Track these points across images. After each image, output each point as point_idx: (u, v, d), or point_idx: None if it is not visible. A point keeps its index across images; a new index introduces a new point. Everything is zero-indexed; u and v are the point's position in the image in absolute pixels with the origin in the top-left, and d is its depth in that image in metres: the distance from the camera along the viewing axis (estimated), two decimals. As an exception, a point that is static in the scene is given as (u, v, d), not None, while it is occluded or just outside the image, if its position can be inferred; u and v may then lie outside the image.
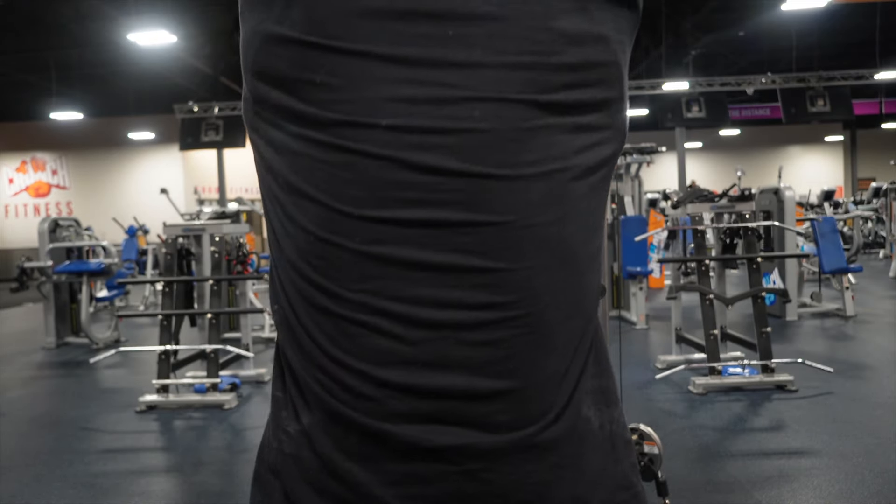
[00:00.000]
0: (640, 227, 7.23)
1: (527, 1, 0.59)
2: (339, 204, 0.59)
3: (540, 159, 0.59)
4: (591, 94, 0.62)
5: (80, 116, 14.68)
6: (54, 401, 5.39)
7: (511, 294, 0.59)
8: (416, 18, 0.58)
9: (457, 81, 0.58)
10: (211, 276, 5.39)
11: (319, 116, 0.59)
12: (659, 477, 2.20)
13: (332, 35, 0.59)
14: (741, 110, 17.94)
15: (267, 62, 0.62)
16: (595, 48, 0.62)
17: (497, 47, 0.58)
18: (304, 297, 0.62)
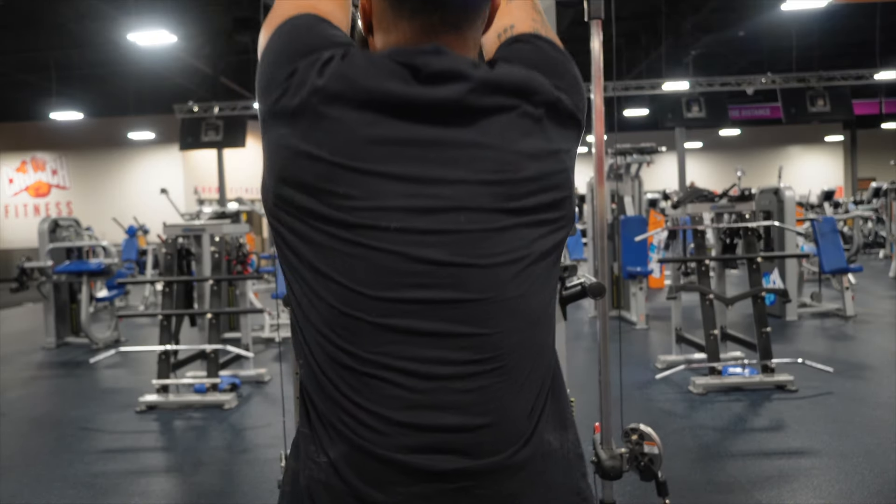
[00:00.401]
0: (640, 227, 7.23)
1: (500, 131, 0.80)
2: (358, 286, 0.77)
3: (508, 251, 0.80)
4: (548, 196, 0.84)
5: (80, 116, 14.68)
6: (54, 401, 5.40)
7: (489, 352, 0.79)
8: (416, 144, 0.78)
9: (447, 194, 0.78)
10: (211, 276, 5.39)
11: (342, 219, 0.77)
12: (659, 477, 2.20)
13: (353, 157, 0.77)
14: (741, 110, 17.94)
15: (294, 172, 0.80)
16: (550, 161, 0.84)
17: (477, 168, 0.79)
18: (329, 357, 0.80)
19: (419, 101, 0.79)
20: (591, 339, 6.84)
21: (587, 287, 2.08)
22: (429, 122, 0.79)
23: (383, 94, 0.78)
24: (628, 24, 13.80)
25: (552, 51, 0.93)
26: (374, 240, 0.77)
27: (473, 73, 0.79)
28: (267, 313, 7.14)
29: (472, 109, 0.80)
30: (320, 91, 0.79)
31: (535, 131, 0.83)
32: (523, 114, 0.82)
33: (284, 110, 0.81)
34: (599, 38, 2.16)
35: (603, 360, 2.27)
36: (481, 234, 0.78)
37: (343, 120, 0.78)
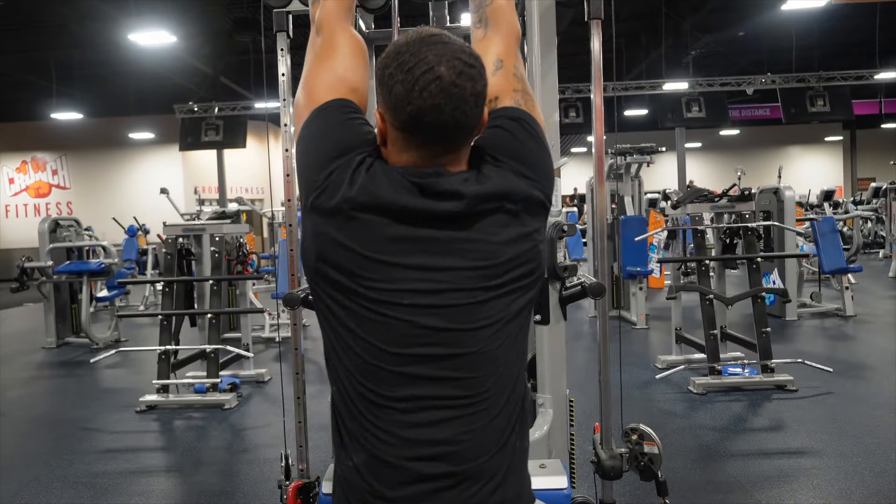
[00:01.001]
0: (640, 227, 7.22)
1: (485, 227, 1.07)
2: (380, 344, 1.06)
3: (489, 316, 1.07)
4: (522, 270, 1.10)
5: (80, 116, 14.68)
6: (54, 401, 5.40)
7: (474, 389, 1.06)
8: (422, 242, 1.05)
9: (444, 279, 1.05)
10: (211, 276, 5.39)
11: (368, 296, 1.06)
12: (659, 477, 2.20)
13: (376, 251, 1.05)
14: (741, 110, 17.93)
15: (332, 256, 1.07)
16: (524, 243, 1.10)
17: (467, 257, 1.06)
18: (358, 392, 1.08)
19: (425, 211, 1.05)
20: (591, 339, 6.84)
21: (587, 287, 2.08)
22: (431, 226, 1.05)
23: (399, 206, 1.05)
24: (628, 24, 13.81)
25: (528, 139, 1.17)
26: (392, 311, 1.05)
27: (466, 192, 1.06)
28: (267, 313, 7.15)
29: (465, 216, 1.06)
30: (351, 200, 1.06)
31: (513, 223, 1.09)
32: (504, 211, 1.09)
33: (322, 208, 1.08)
34: (599, 38, 2.16)
35: (603, 360, 2.27)
36: (469, 307, 1.06)
37: (369, 222, 1.05)
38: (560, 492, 1.55)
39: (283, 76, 2.31)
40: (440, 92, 1.02)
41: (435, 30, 1.10)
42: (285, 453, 2.27)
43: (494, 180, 1.09)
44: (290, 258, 2.35)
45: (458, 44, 1.07)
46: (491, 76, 1.21)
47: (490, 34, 1.32)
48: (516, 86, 1.25)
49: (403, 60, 1.04)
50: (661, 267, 8.81)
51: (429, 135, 1.06)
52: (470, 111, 1.05)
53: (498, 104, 1.22)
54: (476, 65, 1.06)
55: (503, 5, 1.33)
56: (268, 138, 8.63)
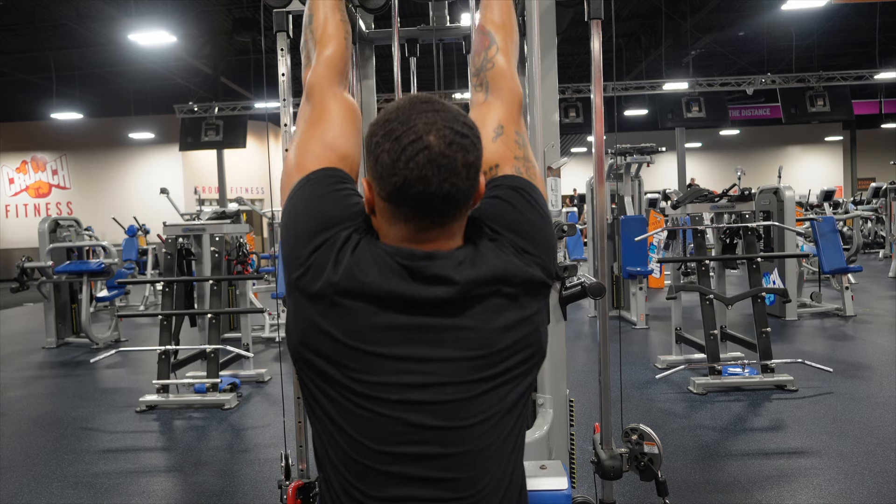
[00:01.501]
0: (640, 227, 7.22)
1: (480, 314, 1.00)
2: (365, 440, 0.99)
3: (484, 411, 1.00)
4: (520, 356, 1.03)
5: (80, 116, 14.69)
6: (54, 401, 5.40)
7: (467, 490, 0.99)
8: (411, 330, 0.98)
9: (435, 371, 0.98)
10: (211, 276, 5.39)
11: (353, 388, 0.99)
12: (659, 477, 2.20)
13: (360, 340, 0.98)
14: (741, 110, 17.94)
15: (314, 343, 1.01)
16: (523, 327, 1.03)
17: (461, 346, 0.99)
18: (344, 489, 1.01)
19: (415, 298, 0.98)
20: (591, 339, 6.84)
21: (587, 287, 2.08)
22: (421, 313, 0.99)
23: (386, 292, 0.99)
24: (628, 24, 13.81)
25: (529, 210, 1.11)
26: (378, 407, 0.98)
27: (459, 277, 0.99)
28: (267, 313, 7.15)
29: (458, 301, 0.99)
30: (335, 285, 0.99)
31: (510, 306, 1.02)
32: (501, 295, 1.02)
33: (305, 291, 1.02)
34: (599, 38, 2.16)
35: (603, 360, 2.27)
36: (462, 402, 0.99)
37: (354, 309, 0.99)
38: (560, 492, 1.54)
39: (283, 76, 2.31)
40: (428, 163, 0.96)
41: (427, 96, 1.04)
42: (285, 453, 2.27)
43: (490, 261, 1.03)
44: (290, 258, 2.35)
45: (452, 112, 1.02)
46: (491, 142, 1.19)
47: (491, 99, 1.28)
48: (517, 153, 1.20)
49: (391, 129, 0.99)
50: (661, 267, 8.82)
51: (416, 208, 0.99)
52: (461, 183, 0.98)
53: (498, 172, 1.17)
54: (469, 134, 1.00)
55: (504, 70, 1.29)
56: (268, 138, 8.64)
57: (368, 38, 2.45)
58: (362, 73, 2.46)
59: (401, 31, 2.35)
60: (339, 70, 1.30)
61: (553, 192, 2.18)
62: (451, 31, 2.48)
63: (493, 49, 1.31)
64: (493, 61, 1.30)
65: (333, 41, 1.32)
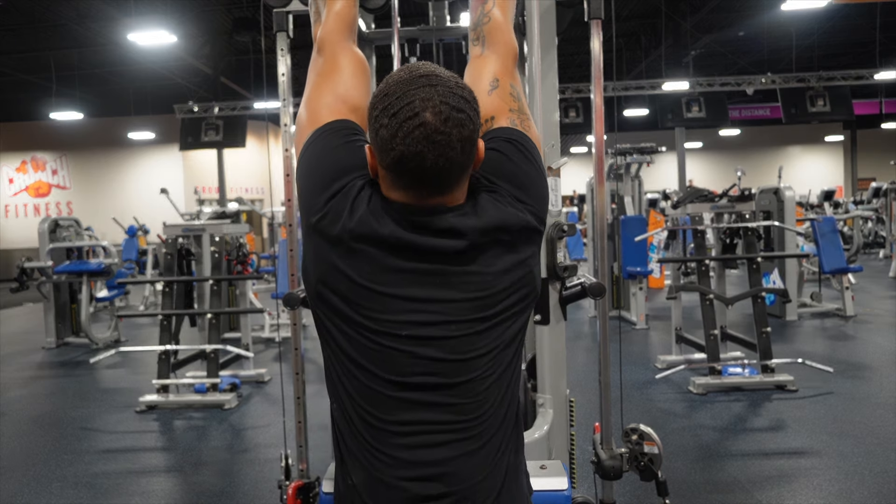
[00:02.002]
0: (640, 227, 7.22)
1: (482, 260, 1.08)
2: (379, 371, 1.08)
3: (484, 345, 1.09)
4: (517, 296, 1.12)
5: (80, 116, 14.67)
6: (54, 401, 5.39)
7: (469, 414, 1.08)
8: (420, 274, 1.07)
9: (441, 310, 1.07)
10: (211, 276, 5.39)
11: (367, 326, 1.07)
12: (659, 477, 2.20)
13: (375, 282, 1.07)
14: (741, 110, 17.94)
15: (333, 282, 1.09)
16: (519, 270, 1.12)
17: (464, 289, 1.08)
18: (357, 414, 1.10)
19: (423, 246, 1.06)
20: (591, 339, 6.84)
21: (587, 287, 2.08)
22: (429, 261, 1.07)
23: (396, 239, 1.06)
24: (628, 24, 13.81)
25: (523, 161, 1.17)
26: (390, 341, 1.07)
27: (464, 228, 1.07)
28: (267, 313, 7.14)
29: (462, 251, 1.07)
30: (351, 231, 1.07)
31: (508, 252, 1.11)
32: (499, 242, 1.10)
33: (325, 234, 1.09)
34: (599, 38, 2.16)
35: (603, 360, 2.27)
36: (466, 338, 1.08)
37: (368, 254, 1.07)
38: (560, 493, 1.54)
39: (283, 76, 2.31)
40: (424, 139, 1.01)
41: (426, 68, 1.07)
42: (285, 453, 2.27)
43: (490, 213, 1.09)
44: (290, 258, 2.36)
45: (450, 84, 1.04)
46: (486, 95, 1.23)
47: (487, 53, 1.31)
48: (512, 105, 1.24)
49: (389, 104, 1.03)
50: (661, 267, 8.81)
51: (414, 179, 1.05)
52: (456, 157, 1.03)
53: (494, 124, 1.21)
54: (465, 108, 1.04)
55: (501, 24, 1.32)
56: (268, 138, 8.64)
57: (368, 38, 2.45)
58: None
59: (401, 31, 2.35)
60: (349, 25, 1.33)
61: (553, 192, 2.17)
62: (451, 31, 2.48)
63: (489, 3, 1.33)
64: (490, 15, 1.33)
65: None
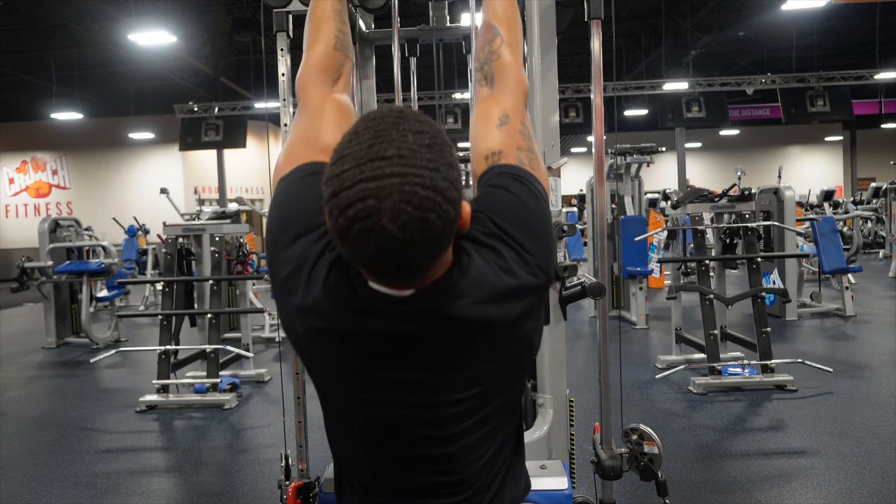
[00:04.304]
0: (640, 227, 7.22)
1: (457, 338, 0.97)
2: (359, 437, 1.06)
3: (471, 415, 1.04)
4: (501, 368, 1.03)
5: (80, 116, 14.68)
6: (54, 401, 5.40)
7: (458, 475, 1.06)
8: (382, 356, 0.99)
9: (419, 390, 1.00)
10: (211, 276, 5.39)
11: (340, 399, 1.06)
12: (659, 477, 2.20)
13: (333, 362, 1.02)
14: (741, 110, 17.93)
15: (301, 347, 1.04)
16: (507, 349, 1.02)
17: (434, 367, 0.99)
18: (344, 464, 1.11)
19: (398, 332, 0.96)
20: (591, 339, 6.84)
21: (587, 287, 2.08)
22: (407, 342, 0.96)
23: (355, 331, 0.97)
24: (628, 24, 13.81)
25: (534, 202, 1.07)
26: (364, 418, 1.03)
27: (436, 317, 0.95)
28: (267, 313, 7.14)
29: (435, 334, 0.96)
30: (307, 313, 0.98)
31: (503, 333, 0.99)
32: (494, 326, 0.98)
33: (286, 302, 1.02)
34: (599, 38, 2.16)
35: (603, 360, 2.27)
36: (452, 417, 1.01)
37: (325, 337, 0.99)
38: (561, 492, 1.54)
39: (283, 76, 2.31)
40: (376, 247, 0.84)
41: (390, 136, 0.86)
42: (285, 453, 2.27)
43: (486, 290, 0.96)
44: (290, 258, 2.35)
45: (418, 165, 0.84)
46: (495, 129, 1.16)
47: (497, 90, 1.24)
48: (521, 144, 1.16)
49: (337, 191, 0.84)
50: (661, 267, 8.81)
51: (370, 274, 0.92)
52: (418, 258, 0.87)
53: (501, 159, 1.12)
54: (436, 207, 0.84)
55: (511, 63, 1.27)
56: (268, 138, 8.64)
57: (368, 38, 2.45)
58: (362, 73, 2.46)
59: (401, 31, 2.35)
60: (325, 68, 1.29)
61: (553, 192, 2.18)
62: (451, 31, 2.48)
63: (497, 41, 1.29)
64: (499, 53, 1.28)
65: (322, 40, 1.32)
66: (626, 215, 7.67)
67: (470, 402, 1.01)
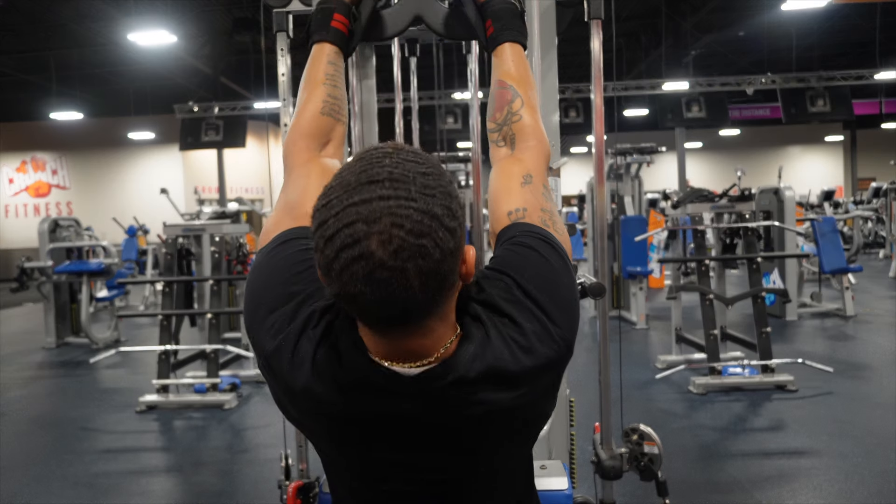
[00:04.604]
0: (640, 227, 7.22)
1: (468, 418, 0.89)
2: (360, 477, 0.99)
3: (477, 489, 0.99)
4: (518, 439, 1.00)
5: (80, 116, 14.67)
6: (54, 401, 5.40)
7: None
8: (380, 440, 0.92)
9: (425, 468, 0.94)
10: (211, 276, 5.39)
11: (342, 471, 1.01)
12: (659, 477, 2.20)
13: (332, 440, 0.97)
14: (741, 110, 17.92)
15: (294, 420, 1.01)
16: (533, 425, 1.01)
17: (440, 445, 0.93)
18: None
19: (403, 415, 0.88)
20: (591, 339, 6.84)
21: (587, 287, 2.08)
22: (411, 424, 0.89)
23: (348, 416, 0.90)
24: (628, 24, 13.80)
25: (563, 267, 1.01)
26: (369, 491, 0.98)
27: (454, 403, 0.88)
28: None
29: (441, 422, 0.90)
30: (295, 395, 0.92)
31: (518, 417, 0.94)
32: (506, 412, 0.92)
33: (273, 376, 0.95)
34: (599, 38, 2.16)
35: (603, 360, 2.27)
36: (455, 487, 0.96)
37: (317, 421, 0.94)
38: (561, 492, 1.54)
39: (283, 76, 2.31)
40: (363, 277, 0.76)
41: (384, 165, 0.81)
42: (285, 453, 2.27)
43: (499, 376, 0.88)
44: (290, 258, 2.35)
45: (410, 191, 0.79)
46: (519, 187, 1.11)
47: (519, 151, 1.19)
48: (545, 206, 1.11)
49: (325, 221, 0.79)
50: (661, 267, 8.81)
51: (363, 321, 0.86)
52: (413, 296, 0.78)
53: (525, 218, 1.06)
54: (429, 231, 0.78)
55: (532, 123, 1.22)
56: (268, 138, 8.64)
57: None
58: (362, 73, 2.46)
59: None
60: (311, 133, 1.24)
61: (553, 192, 2.18)
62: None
63: (517, 102, 1.23)
64: (520, 114, 1.23)
65: (310, 106, 1.27)
66: (626, 215, 7.67)
67: (477, 480, 0.96)
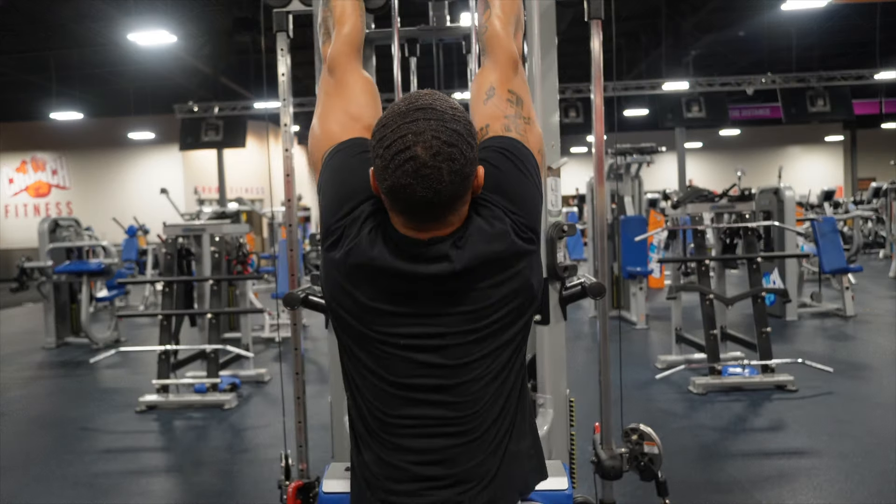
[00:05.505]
0: (640, 227, 7.22)
1: (472, 278, 1.17)
2: (384, 373, 1.19)
3: (479, 351, 1.18)
4: (508, 308, 1.18)
5: (80, 116, 14.66)
6: (54, 401, 5.40)
7: (466, 411, 1.18)
8: (414, 294, 1.16)
9: (436, 323, 1.16)
10: (211, 276, 5.39)
11: (372, 336, 1.19)
12: (659, 477, 2.20)
13: (374, 300, 1.17)
14: (741, 110, 17.91)
15: (340, 299, 1.21)
16: (511, 283, 1.18)
17: (456, 304, 1.17)
18: (368, 409, 1.22)
19: (418, 273, 1.14)
20: (591, 339, 6.84)
21: (587, 287, 2.08)
22: (422, 284, 1.15)
23: (392, 268, 1.15)
24: (628, 24, 13.79)
25: (513, 171, 1.22)
26: (391, 349, 1.18)
27: (456, 257, 1.14)
28: (267, 313, 7.15)
29: (454, 273, 1.14)
30: (353, 257, 1.17)
31: (500, 269, 1.17)
32: (489, 263, 1.16)
33: (332, 256, 1.20)
34: (599, 38, 2.16)
35: (603, 360, 2.27)
36: (460, 346, 1.17)
37: (367, 277, 1.17)
38: (561, 492, 1.54)
39: (283, 76, 2.31)
40: (412, 172, 1.07)
41: (424, 100, 1.11)
42: (285, 453, 2.27)
43: (480, 244, 1.15)
44: (290, 258, 2.35)
45: (444, 118, 1.09)
46: (482, 105, 1.30)
47: (486, 63, 1.36)
48: (508, 112, 1.28)
49: (384, 136, 1.10)
50: (661, 267, 8.81)
51: (406, 207, 1.12)
52: (445, 190, 1.09)
53: (488, 132, 1.27)
54: (458, 142, 1.08)
55: (498, 32, 1.36)
56: (268, 138, 8.64)
57: (368, 38, 2.44)
58: (362, 73, 2.45)
59: (401, 31, 2.35)
60: (357, 47, 1.42)
61: (553, 192, 2.17)
62: (451, 31, 2.48)
63: (487, 13, 1.37)
64: (488, 24, 1.36)
65: (351, 19, 1.43)
66: (626, 215, 7.67)
67: (475, 334, 1.16)
